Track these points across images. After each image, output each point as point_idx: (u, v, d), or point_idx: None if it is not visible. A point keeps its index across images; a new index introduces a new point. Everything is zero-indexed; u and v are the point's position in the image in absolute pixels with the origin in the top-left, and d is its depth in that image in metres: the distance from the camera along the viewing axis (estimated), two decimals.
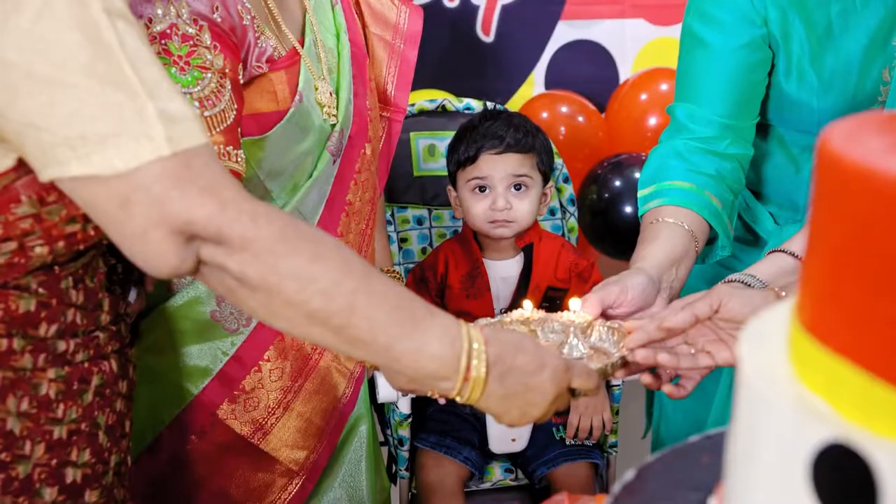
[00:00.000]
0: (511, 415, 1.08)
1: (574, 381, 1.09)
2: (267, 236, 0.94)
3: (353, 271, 0.98)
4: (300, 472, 1.55)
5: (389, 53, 1.70)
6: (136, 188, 0.90)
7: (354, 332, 0.98)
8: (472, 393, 1.03)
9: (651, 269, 1.34)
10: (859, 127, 0.60)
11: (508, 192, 1.85)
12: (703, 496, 0.75)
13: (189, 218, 0.91)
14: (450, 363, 1.01)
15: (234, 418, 1.48)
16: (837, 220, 0.57)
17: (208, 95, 1.26)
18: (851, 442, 0.53)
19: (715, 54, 1.52)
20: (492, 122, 1.89)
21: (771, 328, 0.66)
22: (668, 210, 1.46)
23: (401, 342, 0.99)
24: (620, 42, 3.12)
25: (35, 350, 1.09)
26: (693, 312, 1.19)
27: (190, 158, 0.92)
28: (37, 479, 1.10)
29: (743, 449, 0.61)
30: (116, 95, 0.89)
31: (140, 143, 0.89)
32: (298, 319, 0.97)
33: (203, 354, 1.47)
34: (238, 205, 0.93)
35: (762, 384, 0.59)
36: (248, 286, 0.95)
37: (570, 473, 1.89)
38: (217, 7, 1.30)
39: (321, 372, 1.57)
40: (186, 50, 1.25)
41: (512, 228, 1.87)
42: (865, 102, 1.53)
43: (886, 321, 0.54)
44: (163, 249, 0.92)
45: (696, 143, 1.53)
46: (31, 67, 0.88)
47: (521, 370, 1.05)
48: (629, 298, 1.28)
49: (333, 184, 1.53)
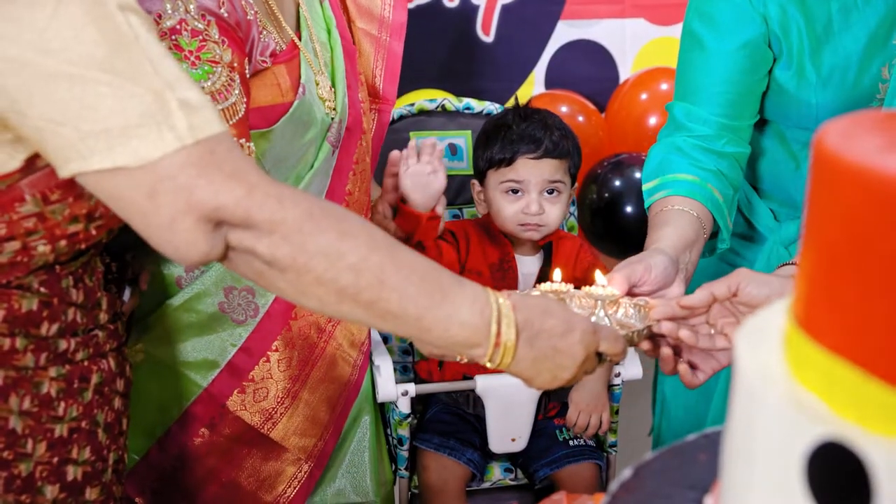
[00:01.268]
0: (542, 378, 1.08)
1: (602, 344, 1.10)
2: (294, 217, 0.95)
3: (379, 246, 0.99)
4: (308, 459, 1.57)
5: (376, 47, 1.72)
6: (162, 178, 0.90)
7: (385, 306, 0.99)
8: (503, 358, 1.04)
9: (669, 249, 1.36)
10: (855, 126, 0.60)
11: (542, 196, 1.84)
12: (700, 494, 0.75)
13: (217, 204, 0.92)
14: (480, 330, 1.02)
15: (244, 409, 1.49)
16: (832, 219, 0.57)
17: (220, 89, 1.27)
18: (845, 440, 0.53)
19: (713, 56, 1.53)
20: (528, 123, 1.86)
21: (767, 326, 0.66)
22: (675, 199, 1.47)
23: (431, 312, 1.00)
24: (620, 42, 3.13)
25: (37, 349, 1.10)
26: (711, 292, 1.21)
27: (213, 145, 0.92)
28: (38, 477, 1.11)
29: (738, 447, 0.62)
30: (136, 88, 0.90)
31: (163, 133, 0.90)
32: (329, 297, 0.98)
33: (211, 347, 1.48)
34: (264, 188, 0.94)
35: (757, 382, 0.59)
36: (277, 268, 0.96)
37: (573, 474, 1.89)
38: (223, 2, 1.32)
39: (327, 359, 1.58)
40: (196, 45, 1.26)
41: (541, 232, 1.86)
42: (864, 99, 1.53)
43: (880, 320, 0.54)
44: (192, 237, 0.93)
45: (694, 140, 1.54)
46: (50, 65, 0.88)
47: (550, 333, 1.06)
48: (652, 277, 1.29)
49: (333, 174, 1.55)
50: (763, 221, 1.70)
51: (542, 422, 1.93)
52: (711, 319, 1.25)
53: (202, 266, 0.96)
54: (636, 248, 1.45)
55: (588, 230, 2.84)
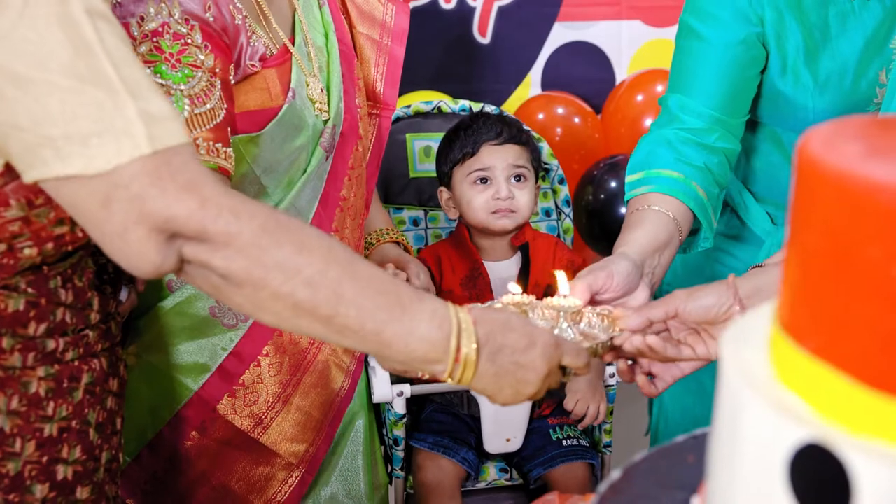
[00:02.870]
0: (504, 394, 1.07)
1: (564, 357, 1.09)
2: (250, 230, 0.93)
3: (337, 259, 0.98)
4: (300, 465, 1.57)
5: (377, 52, 1.72)
6: (116, 186, 0.89)
7: (342, 321, 0.97)
8: (464, 373, 1.03)
9: (635, 254, 1.35)
10: (838, 132, 0.61)
11: (509, 182, 1.90)
12: (688, 495, 0.75)
13: (169, 215, 0.91)
14: (440, 345, 1.01)
15: (234, 413, 1.50)
16: (815, 224, 0.58)
17: (198, 93, 1.27)
18: (827, 442, 0.54)
19: (710, 47, 1.53)
20: (485, 118, 1.96)
21: (753, 329, 0.67)
22: (654, 198, 1.47)
23: (390, 327, 0.99)
24: (616, 43, 3.12)
25: (24, 349, 1.09)
26: (648, 317, 1.22)
27: (170, 157, 0.91)
28: (28, 476, 1.11)
29: (724, 448, 0.62)
30: (97, 94, 0.89)
31: (121, 141, 0.89)
32: (285, 312, 0.97)
33: (202, 351, 1.48)
34: (218, 201, 0.93)
35: (742, 385, 0.60)
36: (233, 282, 0.95)
37: (567, 474, 1.89)
38: (209, 7, 1.32)
39: (319, 366, 1.58)
40: (178, 48, 1.26)
41: (514, 219, 1.90)
42: (861, 104, 1.53)
43: (862, 324, 0.55)
44: (143, 248, 0.92)
45: (686, 133, 1.54)
46: (13, 68, 0.88)
47: (512, 348, 1.05)
48: (615, 284, 1.29)
49: (327, 179, 1.55)
50: (759, 224, 1.70)
51: (536, 421, 1.94)
52: (673, 333, 1.24)
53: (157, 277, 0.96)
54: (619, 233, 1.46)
55: (583, 231, 2.84)
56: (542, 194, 2.18)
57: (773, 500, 0.56)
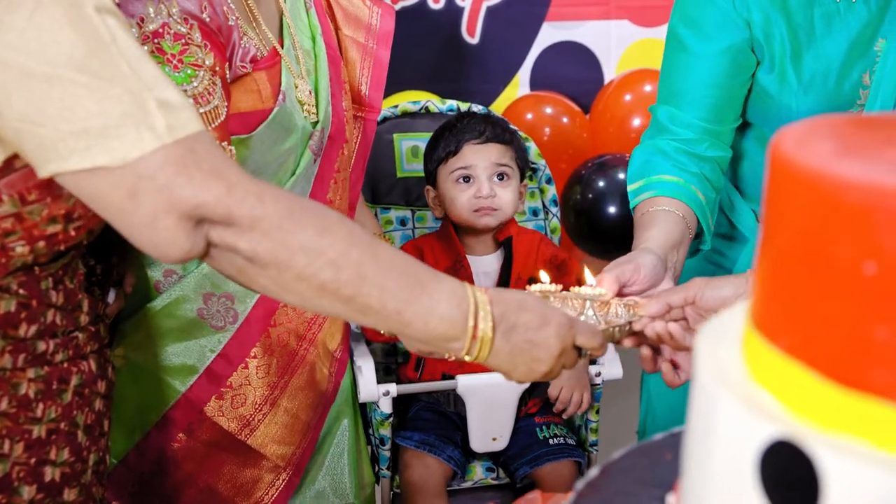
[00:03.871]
0: (519, 371, 1.11)
1: (578, 337, 1.12)
2: (274, 214, 0.96)
3: (358, 242, 1.01)
4: (287, 467, 1.57)
5: (362, 54, 1.73)
6: (142, 177, 0.91)
7: (365, 301, 1.00)
8: (480, 351, 1.06)
9: (657, 248, 1.37)
10: (811, 131, 0.62)
11: (491, 181, 1.92)
12: (664, 493, 0.76)
13: (197, 202, 0.93)
14: (458, 323, 1.04)
15: (222, 415, 1.50)
16: (786, 223, 0.58)
17: (202, 93, 1.28)
18: (796, 439, 0.54)
19: (696, 59, 1.55)
20: (470, 118, 1.99)
21: (727, 327, 0.67)
22: (660, 200, 1.49)
23: (410, 306, 1.02)
24: (605, 43, 3.13)
25: (15, 350, 1.10)
26: (667, 302, 1.23)
27: (192, 144, 0.93)
28: (15, 477, 1.11)
29: (697, 445, 0.63)
30: (114, 89, 0.91)
31: (142, 132, 0.91)
32: (309, 293, 0.99)
33: (190, 352, 1.48)
34: (244, 185, 0.95)
35: (715, 382, 0.61)
36: (258, 264, 0.98)
37: (553, 472, 1.90)
38: (205, 7, 1.32)
39: (307, 367, 1.59)
40: (179, 48, 1.27)
41: (496, 217, 1.92)
42: (844, 105, 1.54)
43: (832, 322, 0.55)
44: (173, 236, 0.94)
45: (677, 143, 1.56)
46: (27, 66, 0.89)
47: (526, 326, 1.08)
48: (642, 276, 1.30)
49: (314, 182, 1.56)
50: (745, 222, 1.71)
51: (522, 420, 1.94)
52: (691, 323, 1.25)
53: (185, 263, 0.98)
54: (620, 248, 1.46)
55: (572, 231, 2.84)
56: (530, 194, 2.19)
57: (744, 496, 0.57)
